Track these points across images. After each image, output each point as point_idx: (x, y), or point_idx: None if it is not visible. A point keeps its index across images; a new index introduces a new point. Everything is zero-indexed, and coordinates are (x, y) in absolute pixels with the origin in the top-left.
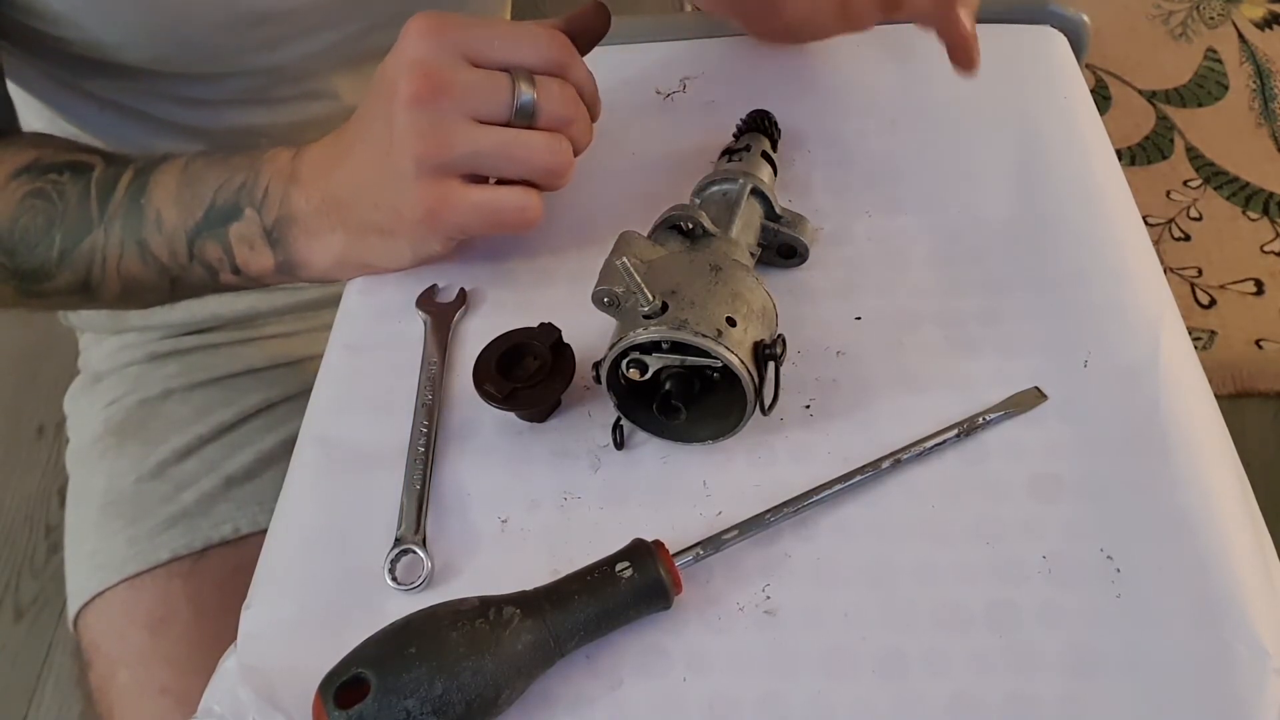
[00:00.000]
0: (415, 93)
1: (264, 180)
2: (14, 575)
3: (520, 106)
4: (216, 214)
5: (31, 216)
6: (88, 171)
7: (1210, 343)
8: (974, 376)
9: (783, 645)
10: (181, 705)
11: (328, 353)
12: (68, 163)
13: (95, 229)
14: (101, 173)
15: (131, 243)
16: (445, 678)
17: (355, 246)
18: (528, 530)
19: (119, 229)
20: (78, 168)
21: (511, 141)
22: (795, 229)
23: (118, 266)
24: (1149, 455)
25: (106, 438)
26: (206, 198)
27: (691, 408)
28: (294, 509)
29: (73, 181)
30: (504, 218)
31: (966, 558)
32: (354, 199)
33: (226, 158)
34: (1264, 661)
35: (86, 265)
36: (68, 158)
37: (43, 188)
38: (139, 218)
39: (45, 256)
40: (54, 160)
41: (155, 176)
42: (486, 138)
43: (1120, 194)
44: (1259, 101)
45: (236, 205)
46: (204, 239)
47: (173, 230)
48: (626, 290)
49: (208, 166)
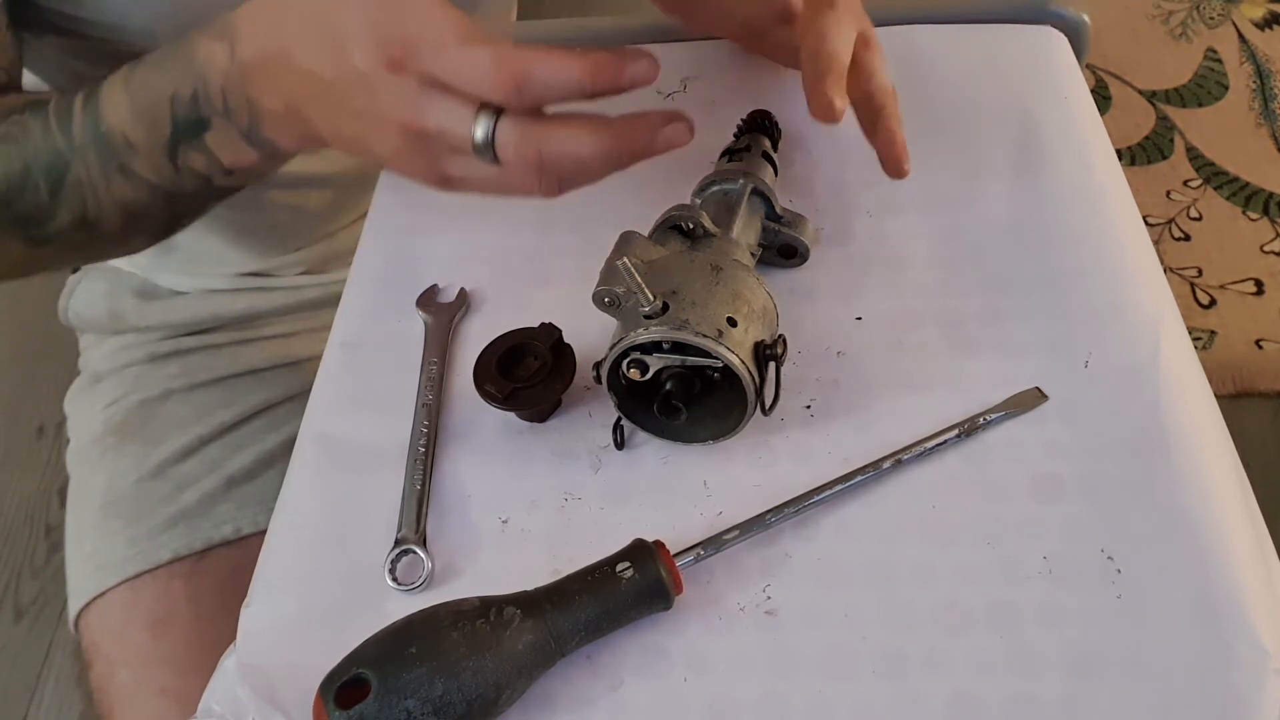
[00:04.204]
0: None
1: (214, 87)
2: (14, 575)
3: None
4: (183, 128)
5: (7, 162)
6: (44, 105)
7: (1210, 343)
8: (974, 376)
9: (783, 645)
10: (181, 705)
11: (327, 351)
12: (26, 103)
13: (73, 162)
14: (55, 102)
15: (113, 169)
16: (446, 678)
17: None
18: (528, 530)
19: (95, 158)
20: (35, 105)
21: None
22: (795, 229)
23: (109, 195)
24: (1149, 455)
25: (107, 438)
26: (165, 112)
27: (692, 408)
28: (294, 508)
29: (32, 118)
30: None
31: (967, 558)
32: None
33: (161, 60)
34: (1264, 661)
35: (80, 200)
36: (27, 99)
37: (8, 131)
38: (108, 144)
39: (35, 198)
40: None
41: (103, 97)
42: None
43: (1120, 194)
44: (1259, 101)
45: (200, 118)
46: (183, 151)
47: (147, 149)
48: (627, 290)
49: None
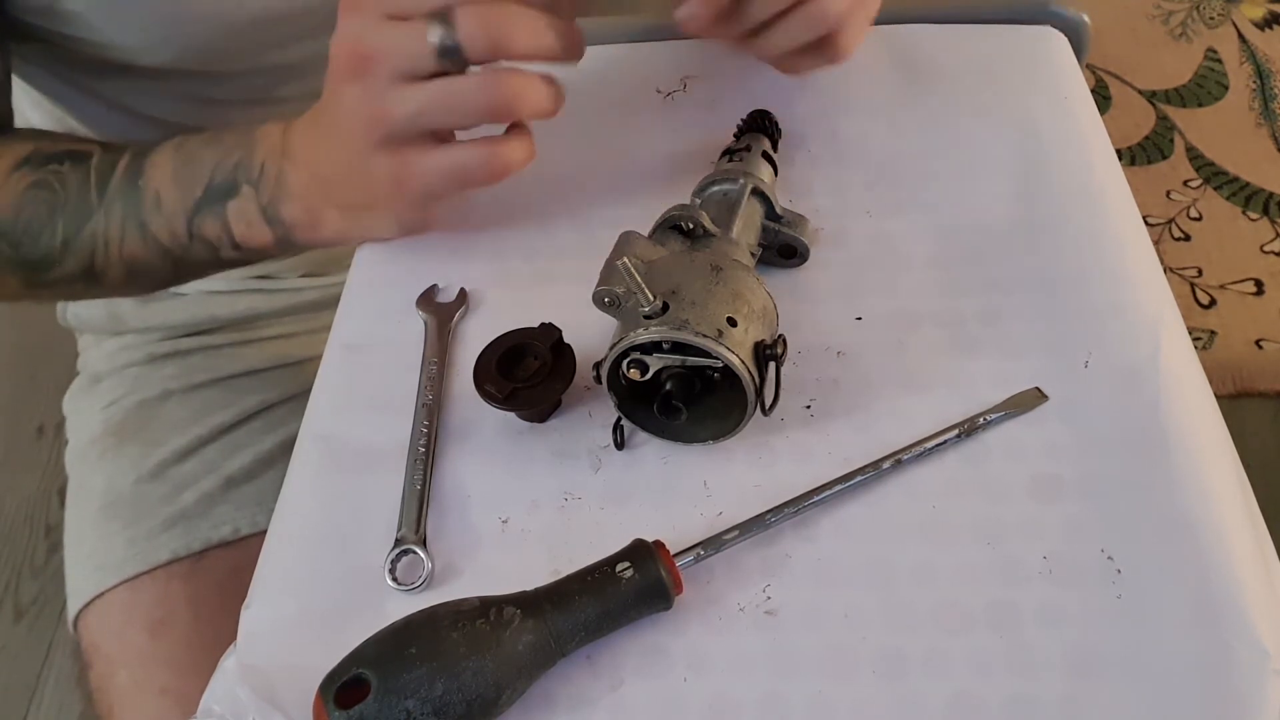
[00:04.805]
0: (347, 68)
1: (259, 156)
2: (14, 575)
3: (442, 49)
4: (214, 192)
5: (35, 208)
6: (86, 159)
7: (1210, 343)
8: (974, 376)
9: (783, 645)
10: (181, 705)
11: (327, 352)
12: (66, 152)
13: (95, 214)
14: (99, 159)
15: (132, 225)
16: (446, 678)
17: (346, 221)
18: (528, 530)
19: (119, 212)
20: (76, 156)
21: (442, 92)
22: (795, 229)
23: (120, 250)
24: (1149, 455)
25: (106, 439)
26: (204, 176)
27: (692, 408)
28: (294, 509)
29: (72, 170)
30: (469, 174)
31: (967, 558)
32: (335, 177)
33: (220, 135)
34: (1264, 662)
35: (90, 251)
36: (66, 147)
37: (44, 178)
38: (137, 200)
39: (49, 245)
40: (53, 150)
41: (152, 158)
42: (416, 96)
43: (1120, 194)
44: (1259, 101)
45: (234, 182)
46: (202, 217)
47: (172, 210)
48: (627, 290)
49: (203, 145)
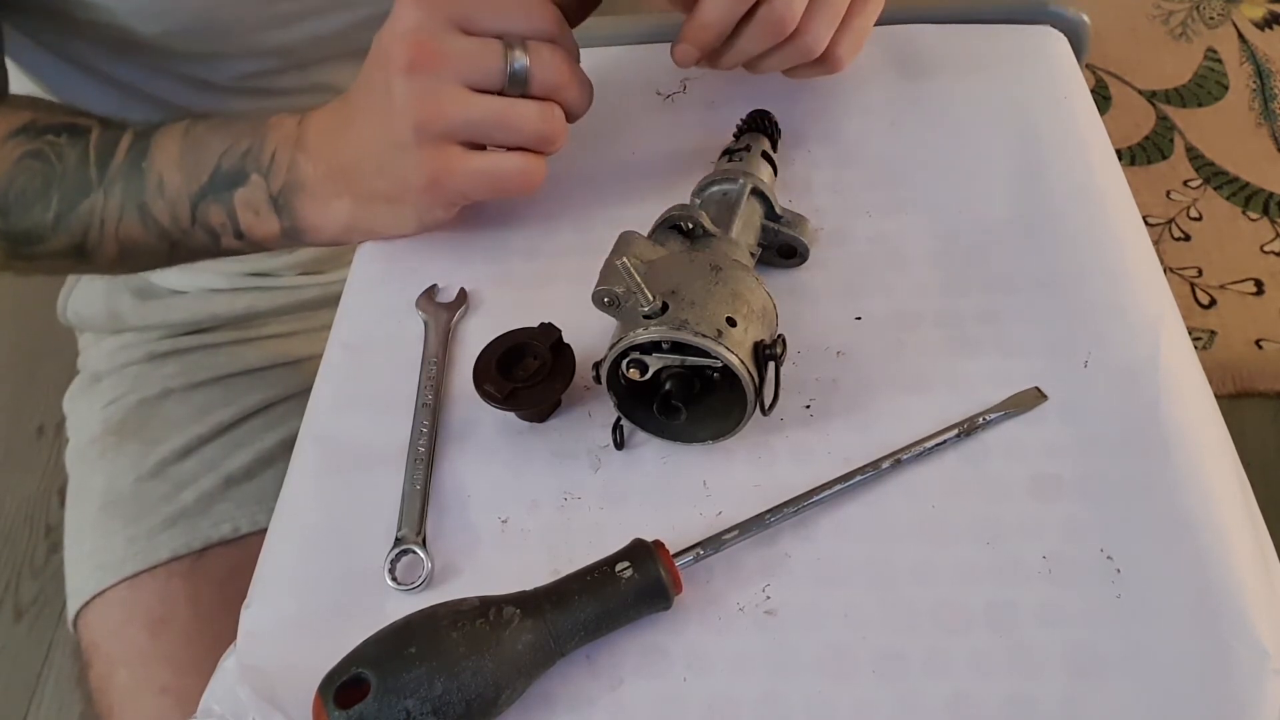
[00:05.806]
0: (411, 61)
1: (270, 146)
2: (14, 575)
3: (513, 73)
4: (221, 179)
5: (29, 178)
6: (85, 134)
7: (1210, 343)
8: (974, 376)
9: (783, 645)
10: (181, 705)
11: (328, 351)
12: (64, 124)
13: (94, 192)
14: (99, 135)
15: (132, 206)
16: (445, 678)
17: (361, 213)
18: (528, 530)
19: (119, 192)
20: (74, 130)
21: (506, 110)
22: (795, 229)
23: (116, 230)
24: (1149, 455)
25: (106, 437)
26: (211, 162)
27: (691, 408)
28: (294, 508)
29: (70, 144)
30: (506, 182)
31: (966, 558)
32: (359, 167)
33: (230, 122)
34: (1264, 661)
35: (83, 229)
36: (64, 119)
37: (40, 149)
38: (140, 181)
39: (40, 219)
40: (50, 121)
41: (157, 139)
42: (480, 106)
43: (1120, 194)
44: (1259, 101)
45: (242, 170)
46: (207, 203)
47: (175, 194)
48: (627, 290)
49: (211, 131)
